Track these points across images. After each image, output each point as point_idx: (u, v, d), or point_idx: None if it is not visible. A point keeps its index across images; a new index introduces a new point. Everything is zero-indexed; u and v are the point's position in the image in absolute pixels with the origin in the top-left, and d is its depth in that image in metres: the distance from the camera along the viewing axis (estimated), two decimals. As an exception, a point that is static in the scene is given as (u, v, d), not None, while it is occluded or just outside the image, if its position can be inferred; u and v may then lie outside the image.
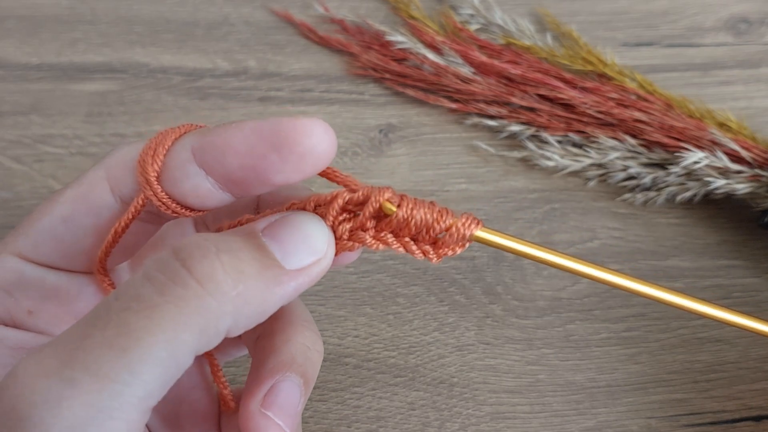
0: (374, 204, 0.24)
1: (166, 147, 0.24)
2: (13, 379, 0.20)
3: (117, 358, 0.19)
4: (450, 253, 0.25)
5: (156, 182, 0.24)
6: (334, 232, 0.25)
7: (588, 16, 0.51)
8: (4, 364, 0.25)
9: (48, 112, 0.46)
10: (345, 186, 0.25)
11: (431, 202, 0.25)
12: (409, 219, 0.24)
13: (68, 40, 0.49)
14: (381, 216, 0.25)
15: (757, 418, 0.39)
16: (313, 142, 0.22)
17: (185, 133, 0.24)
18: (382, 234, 0.25)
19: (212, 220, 0.30)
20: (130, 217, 0.25)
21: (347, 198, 0.24)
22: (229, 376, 0.35)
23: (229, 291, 0.21)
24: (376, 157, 0.46)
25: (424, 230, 0.25)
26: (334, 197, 0.24)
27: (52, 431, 0.18)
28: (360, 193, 0.24)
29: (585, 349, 0.40)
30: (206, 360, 0.30)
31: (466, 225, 0.24)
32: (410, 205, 0.24)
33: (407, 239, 0.25)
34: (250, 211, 0.28)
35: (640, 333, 0.41)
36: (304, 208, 0.25)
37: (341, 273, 0.42)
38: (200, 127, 0.25)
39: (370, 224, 0.25)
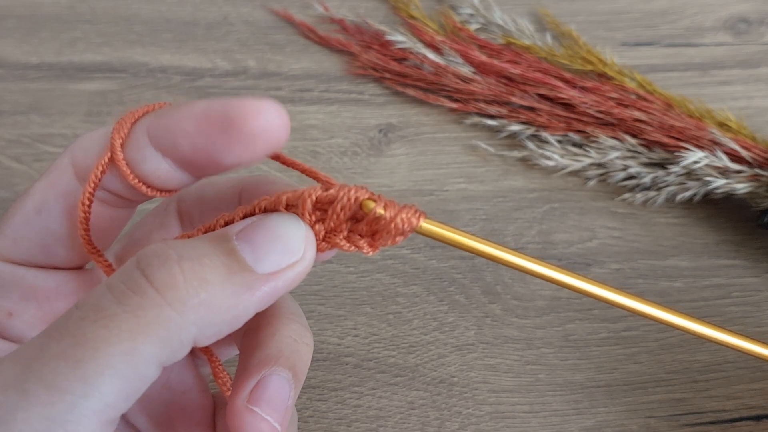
0: (352, 202, 0.23)
1: (126, 130, 0.24)
2: None
3: (72, 370, 0.18)
4: (389, 243, 0.24)
5: (120, 151, 0.24)
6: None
7: (587, 15, 0.51)
8: None
9: (47, 112, 0.46)
10: (321, 183, 0.25)
11: (379, 195, 0.24)
12: (390, 219, 0.23)
13: (68, 40, 0.48)
14: (355, 216, 0.24)
15: (757, 418, 0.39)
16: (262, 123, 0.22)
17: (144, 113, 0.24)
18: (356, 237, 0.24)
19: (198, 217, 0.29)
20: (93, 184, 0.24)
21: (319, 195, 0.23)
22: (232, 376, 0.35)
23: (189, 299, 0.20)
24: (375, 157, 0.46)
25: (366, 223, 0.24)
26: (306, 194, 0.23)
27: None
28: (334, 190, 0.23)
29: (584, 348, 0.40)
30: (205, 360, 0.29)
31: (408, 218, 0.23)
32: (385, 203, 0.23)
33: (356, 237, 0.24)
34: (233, 204, 0.28)
35: (639, 332, 0.41)
36: (275, 206, 0.24)
37: (341, 272, 0.42)
38: (161, 106, 0.25)
39: (345, 226, 0.24)
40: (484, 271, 0.42)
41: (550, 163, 0.45)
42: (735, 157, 0.43)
